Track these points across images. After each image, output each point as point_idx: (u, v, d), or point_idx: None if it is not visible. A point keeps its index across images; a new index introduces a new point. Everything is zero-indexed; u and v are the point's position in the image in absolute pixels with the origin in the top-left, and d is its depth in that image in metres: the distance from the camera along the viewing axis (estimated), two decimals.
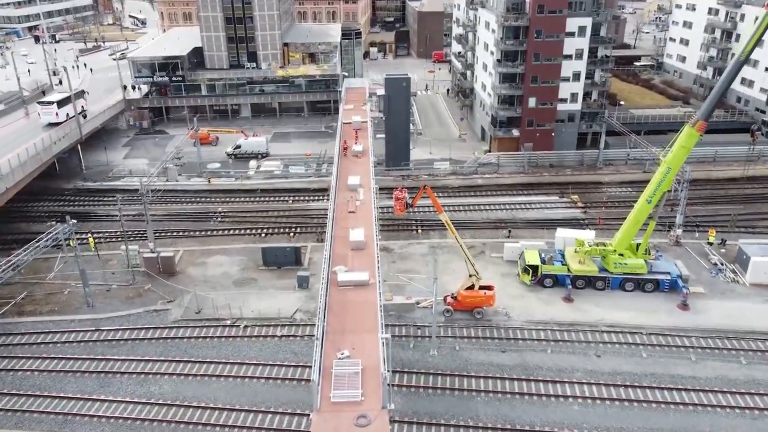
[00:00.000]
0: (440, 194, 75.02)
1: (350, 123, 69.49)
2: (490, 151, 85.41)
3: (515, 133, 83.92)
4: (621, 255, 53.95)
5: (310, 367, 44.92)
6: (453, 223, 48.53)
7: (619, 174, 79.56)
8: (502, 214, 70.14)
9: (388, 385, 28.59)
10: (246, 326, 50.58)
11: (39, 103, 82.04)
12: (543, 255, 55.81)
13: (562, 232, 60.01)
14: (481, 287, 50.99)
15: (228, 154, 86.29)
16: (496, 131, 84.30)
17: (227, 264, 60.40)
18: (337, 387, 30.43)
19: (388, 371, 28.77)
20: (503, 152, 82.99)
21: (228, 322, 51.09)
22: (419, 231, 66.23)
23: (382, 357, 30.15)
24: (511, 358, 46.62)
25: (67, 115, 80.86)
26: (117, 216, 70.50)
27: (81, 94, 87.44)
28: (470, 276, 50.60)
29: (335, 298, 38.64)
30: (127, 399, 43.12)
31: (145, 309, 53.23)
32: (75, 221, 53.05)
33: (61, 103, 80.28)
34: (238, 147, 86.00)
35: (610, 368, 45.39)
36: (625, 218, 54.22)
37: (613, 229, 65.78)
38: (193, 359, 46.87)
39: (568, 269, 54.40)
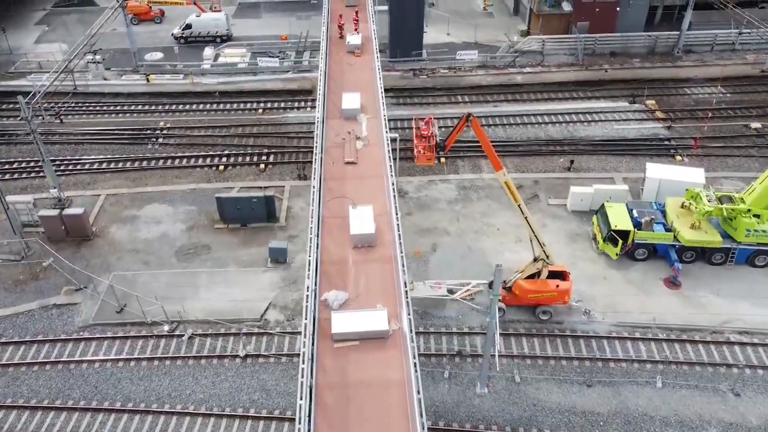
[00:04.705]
0: (467, 99, 54.63)
1: None
2: (529, 33, 63.42)
3: (566, 7, 61.56)
4: (757, 216, 35.80)
5: (292, 420, 28.69)
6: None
7: (705, 66, 58.75)
8: (554, 131, 50.52)
9: None
10: (192, 336, 33.28)
11: None
12: (635, 212, 37.45)
13: (654, 171, 41.16)
14: (551, 274, 33.28)
15: (175, 37, 63.70)
16: (541, 4, 61.77)
17: (168, 219, 41.66)
18: None
19: None
20: (549, 35, 61.19)
21: (165, 329, 33.69)
22: (443, 161, 46.94)
23: None
24: (603, 397, 30.09)
25: None
26: (17, 134, 50.56)
27: None
28: (535, 260, 32.65)
29: (328, 373, 20.86)
30: None
31: (40, 303, 35.35)
32: None
33: None
34: (188, 27, 63.15)
35: (759, 418, 29.09)
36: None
37: (712, 155, 47.21)
38: (107, 406, 29.91)
39: (675, 236, 36.43)
